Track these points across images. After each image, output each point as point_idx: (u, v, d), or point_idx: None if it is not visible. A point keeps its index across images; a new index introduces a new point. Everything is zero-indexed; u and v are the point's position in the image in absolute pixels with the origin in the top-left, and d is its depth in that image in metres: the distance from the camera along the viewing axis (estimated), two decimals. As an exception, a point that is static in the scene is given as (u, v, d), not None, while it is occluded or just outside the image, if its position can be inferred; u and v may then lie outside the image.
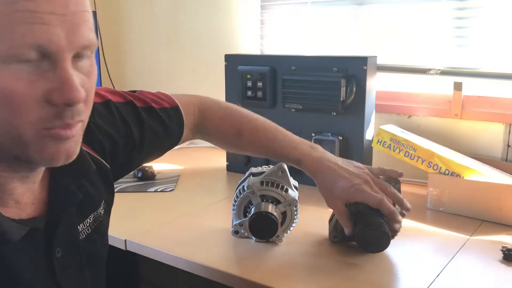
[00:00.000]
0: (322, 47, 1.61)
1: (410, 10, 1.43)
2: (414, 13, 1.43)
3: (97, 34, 1.76)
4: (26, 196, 0.67)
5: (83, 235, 0.75)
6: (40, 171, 0.68)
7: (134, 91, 0.92)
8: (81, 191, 0.73)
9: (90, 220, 0.77)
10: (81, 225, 0.75)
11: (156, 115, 0.90)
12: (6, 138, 0.57)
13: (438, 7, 1.39)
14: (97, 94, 0.80)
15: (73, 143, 0.61)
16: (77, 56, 0.59)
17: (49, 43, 0.54)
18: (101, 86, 1.78)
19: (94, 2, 2.02)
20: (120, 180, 1.35)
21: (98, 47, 1.80)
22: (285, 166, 0.98)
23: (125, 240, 1.01)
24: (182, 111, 0.95)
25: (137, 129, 0.86)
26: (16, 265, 0.63)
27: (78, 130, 0.61)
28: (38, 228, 0.66)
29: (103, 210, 0.82)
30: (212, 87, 1.80)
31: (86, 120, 0.63)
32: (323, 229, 1.01)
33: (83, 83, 0.60)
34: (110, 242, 1.04)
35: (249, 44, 1.74)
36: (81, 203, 0.74)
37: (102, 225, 0.82)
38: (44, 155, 0.59)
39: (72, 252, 0.72)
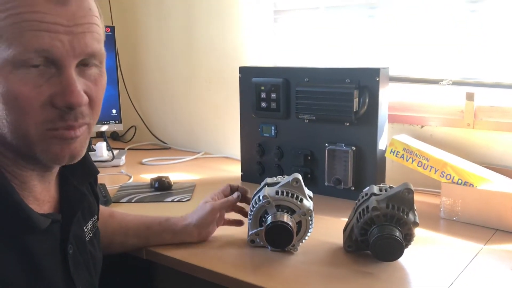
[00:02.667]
0: (333, 57, 1.63)
1: (422, 20, 1.45)
2: (426, 23, 1.44)
3: (114, 47, 1.80)
4: (43, 194, 0.72)
5: (87, 237, 0.80)
6: (55, 172, 0.73)
7: None
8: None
9: (90, 225, 0.82)
10: (84, 228, 0.80)
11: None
12: (15, 137, 0.63)
13: (451, 17, 1.41)
14: None
15: (78, 144, 0.66)
16: (85, 65, 0.64)
17: (52, 48, 0.59)
18: (118, 97, 1.83)
19: (111, 18, 2.07)
20: (137, 190, 1.40)
21: (116, 60, 1.84)
22: (300, 177, 0.99)
23: (144, 249, 1.03)
24: None
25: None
26: (39, 256, 0.67)
27: (82, 132, 0.66)
28: (58, 220, 0.71)
29: (96, 219, 0.86)
30: (227, 98, 1.83)
31: (93, 123, 0.68)
32: (338, 239, 1.03)
33: (89, 89, 0.65)
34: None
35: (262, 55, 1.77)
36: (83, 207, 0.79)
37: (98, 232, 0.87)
38: (49, 155, 0.64)
39: (81, 251, 0.76)
